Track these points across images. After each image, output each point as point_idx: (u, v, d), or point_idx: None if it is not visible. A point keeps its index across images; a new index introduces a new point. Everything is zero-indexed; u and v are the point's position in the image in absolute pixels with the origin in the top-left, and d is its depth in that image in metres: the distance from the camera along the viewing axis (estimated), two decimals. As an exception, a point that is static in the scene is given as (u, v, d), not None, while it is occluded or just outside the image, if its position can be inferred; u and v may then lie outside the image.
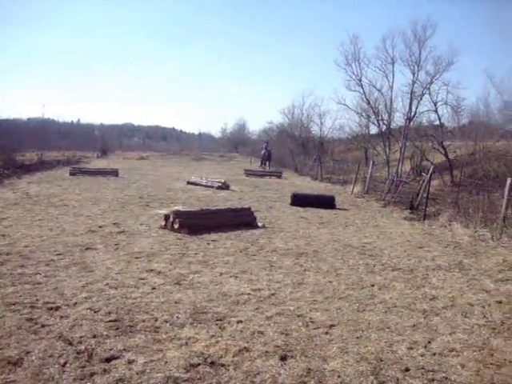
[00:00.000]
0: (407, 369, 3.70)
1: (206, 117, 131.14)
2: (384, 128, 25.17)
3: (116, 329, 4.14)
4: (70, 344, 3.78)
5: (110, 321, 4.31)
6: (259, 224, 9.90)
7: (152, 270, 6.09)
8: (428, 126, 23.92)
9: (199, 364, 3.58)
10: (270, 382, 3.39)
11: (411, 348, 4.11)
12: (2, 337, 3.85)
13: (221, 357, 3.73)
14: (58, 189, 14.88)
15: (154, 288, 5.38)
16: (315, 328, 4.45)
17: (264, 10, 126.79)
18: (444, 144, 21.23)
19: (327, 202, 13.85)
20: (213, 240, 8.20)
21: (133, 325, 4.26)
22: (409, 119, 23.15)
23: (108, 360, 3.56)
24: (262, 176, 25.39)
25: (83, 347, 3.73)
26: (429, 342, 4.25)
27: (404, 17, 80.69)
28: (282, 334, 4.24)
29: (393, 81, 24.25)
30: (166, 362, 3.58)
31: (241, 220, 9.78)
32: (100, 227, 8.77)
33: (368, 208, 14.49)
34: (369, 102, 25.93)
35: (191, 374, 3.43)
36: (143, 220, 9.85)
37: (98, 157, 39.03)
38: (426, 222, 11.64)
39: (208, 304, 4.94)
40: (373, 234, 9.77)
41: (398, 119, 25.72)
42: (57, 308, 4.57)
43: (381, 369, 3.68)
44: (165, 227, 8.90)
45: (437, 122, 23.53)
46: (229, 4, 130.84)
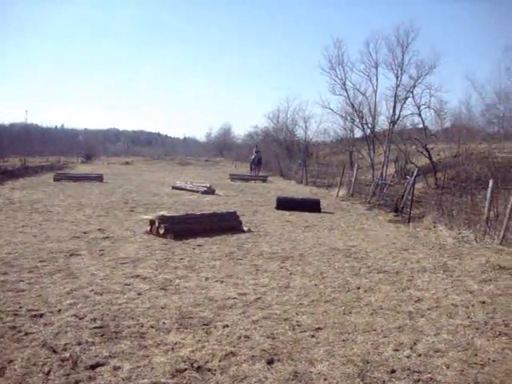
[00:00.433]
0: (393, 370, 3.72)
1: (192, 121, 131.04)
2: (368, 131, 25.41)
3: (101, 335, 4.11)
4: (55, 352, 3.73)
5: (95, 327, 4.28)
6: (245, 228, 9.90)
7: (137, 276, 6.05)
8: (412, 130, 24.18)
9: (186, 369, 3.57)
10: (257, 386, 3.39)
11: (397, 350, 4.14)
12: (-15, 345, 3.79)
13: (207, 361, 3.72)
14: (42, 195, 14.74)
15: (140, 294, 5.34)
16: (301, 331, 4.46)
17: (250, 14, 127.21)
18: (428, 147, 21.48)
19: (312, 206, 13.90)
20: (198, 245, 8.17)
21: (118, 331, 4.22)
22: (393, 122, 23.35)
23: (93, 367, 3.53)
24: (248, 180, 25.42)
25: (68, 355, 3.69)
26: (414, 344, 4.29)
27: (387, 21, 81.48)
28: (269, 338, 4.24)
29: (377, 84, 24.50)
30: (152, 368, 3.55)
31: (226, 224, 9.78)
32: (85, 233, 8.70)
33: (353, 211, 14.57)
34: (353, 106, 26.19)
35: (178, 380, 3.41)
36: (128, 225, 9.79)
37: (83, 162, 38.86)
38: (411, 225, 11.74)
39: (194, 309, 4.92)
40: (358, 237, 9.82)
41: (382, 123, 26.04)
42: (41, 315, 4.51)
43: (367, 371, 3.69)
44: (150, 232, 8.86)
45: (420, 126, 23.88)
46: (216, 8, 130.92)
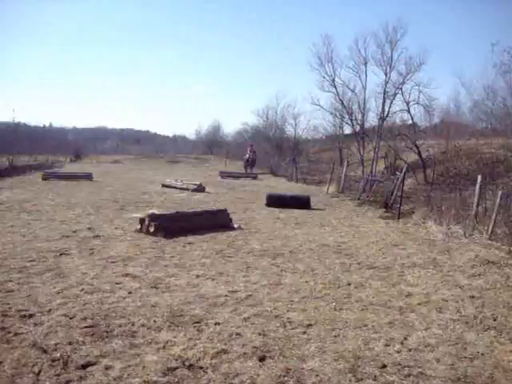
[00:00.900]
0: (384, 365, 3.75)
1: (181, 119, 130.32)
2: (358, 128, 25.40)
3: (92, 335, 4.08)
4: (45, 352, 3.71)
5: (86, 327, 4.25)
6: (235, 225, 9.89)
7: (128, 274, 6.03)
8: (401, 126, 24.27)
9: (177, 367, 3.56)
10: (249, 383, 3.40)
11: (388, 345, 4.17)
12: (-26, 347, 3.75)
13: (199, 359, 3.71)
14: (31, 194, 14.60)
15: (131, 292, 5.32)
16: (293, 328, 4.47)
17: (237, 10, 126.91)
18: (417, 143, 21.58)
19: (303, 203, 13.92)
20: (189, 243, 8.16)
21: (109, 330, 4.20)
22: (382, 119, 23.41)
23: (84, 367, 3.51)
24: (238, 178, 25.39)
25: (58, 354, 3.67)
26: (405, 339, 4.32)
27: (376, 18, 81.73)
28: (260, 335, 4.25)
29: (366, 81, 24.48)
30: (144, 367, 3.54)
31: (217, 222, 9.77)
32: (74, 232, 8.64)
33: (343, 207, 14.63)
34: (342, 103, 26.17)
35: (169, 378, 3.40)
36: (118, 224, 9.74)
37: (72, 161, 38.53)
38: (401, 221, 11.81)
39: (185, 307, 4.91)
40: (348, 234, 9.86)
41: (372, 119, 26.12)
42: (30, 315, 4.48)
43: (358, 366, 3.71)
44: (140, 231, 8.82)
45: (409, 122, 23.95)
46: (203, 6, 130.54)
